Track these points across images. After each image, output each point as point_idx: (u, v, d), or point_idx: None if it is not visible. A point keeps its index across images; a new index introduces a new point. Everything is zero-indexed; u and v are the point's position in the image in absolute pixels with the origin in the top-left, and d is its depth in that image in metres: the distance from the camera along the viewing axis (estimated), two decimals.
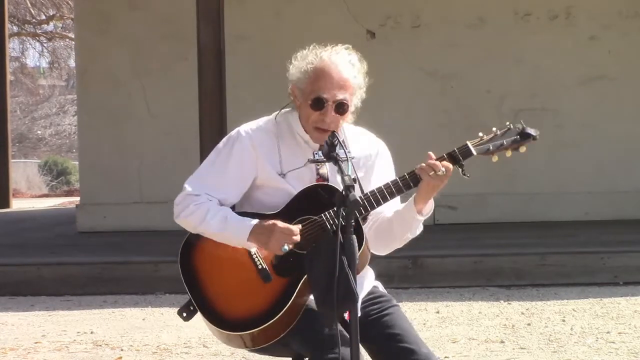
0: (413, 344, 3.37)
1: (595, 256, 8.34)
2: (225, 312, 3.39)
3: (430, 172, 3.34)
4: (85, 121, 12.29)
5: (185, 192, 3.48)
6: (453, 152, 3.40)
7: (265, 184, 3.46)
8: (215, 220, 3.38)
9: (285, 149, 3.47)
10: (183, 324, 6.60)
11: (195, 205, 3.43)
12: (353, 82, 3.41)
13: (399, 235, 3.51)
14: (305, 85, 3.41)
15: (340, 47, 3.46)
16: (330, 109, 3.38)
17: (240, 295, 3.38)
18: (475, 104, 11.78)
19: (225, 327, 3.38)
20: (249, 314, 3.35)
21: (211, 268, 3.44)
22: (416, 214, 3.43)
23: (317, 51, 3.45)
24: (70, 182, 30.12)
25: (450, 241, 9.46)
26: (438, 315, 7.02)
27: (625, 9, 11.80)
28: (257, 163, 3.45)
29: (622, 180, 11.62)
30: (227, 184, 3.47)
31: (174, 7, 11.61)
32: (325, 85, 3.38)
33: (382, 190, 3.36)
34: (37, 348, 6.30)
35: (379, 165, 3.56)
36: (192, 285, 3.43)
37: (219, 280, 3.42)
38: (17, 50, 31.13)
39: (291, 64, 3.48)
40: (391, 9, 11.82)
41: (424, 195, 3.40)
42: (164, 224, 10.94)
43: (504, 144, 3.43)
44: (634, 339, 6.12)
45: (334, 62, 3.40)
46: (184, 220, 3.46)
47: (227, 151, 3.49)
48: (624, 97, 11.73)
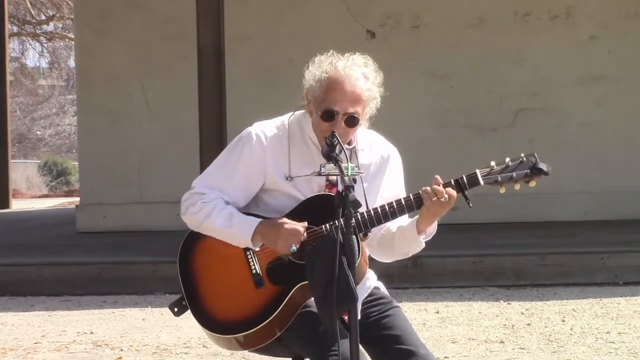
0: (412, 345, 3.37)
1: (595, 256, 8.34)
2: (214, 312, 3.39)
3: (433, 197, 3.34)
4: (85, 121, 12.29)
5: (193, 190, 3.48)
6: (460, 180, 3.38)
7: (273, 188, 3.46)
8: (220, 216, 3.38)
9: (295, 153, 3.45)
10: (183, 324, 6.58)
11: (202, 203, 3.43)
12: (366, 95, 3.39)
13: (400, 250, 3.52)
14: (318, 94, 3.39)
15: (357, 57, 3.43)
16: (340, 121, 3.37)
17: (230, 297, 3.38)
18: (475, 104, 11.78)
19: (210, 328, 3.40)
20: (235, 317, 3.35)
21: (207, 267, 3.44)
22: (417, 235, 3.44)
23: (334, 60, 3.41)
24: (70, 182, 30.13)
25: (450, 241, 9.44)
26: (438, 316, 7.02)
27: (625, 9, 11.80)
28: (266, 167, 3.44)
29: (622, 180, 11.62)
30: (234, 186, 3.46)
31: (174, 7, 11.62)
32: (337, 98, 3.36)
33: (384, 210, 3.36)
34: (37, 348, 6.29)
35: (388, 171, 3.56)
36: (187, 281, 3.43)
37: (212, 280, 3.42)
38: (17, 51, 31.13)
39: (307, 69, 3.46)
40: (391, 9, 11.82)
41: (425, 219, 3.41)
42: (164, 224, 11.04)
43: (513, 176, 3.36)
44: (633, 339, 6.12)
45: (348, 75, 3.37)
46: (190, 217, 3.45)
47: (237, 153, 3.48)
48: (624, 97, 11.73)
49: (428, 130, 11.64)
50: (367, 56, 3.46)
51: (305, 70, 3.47)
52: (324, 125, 3.38)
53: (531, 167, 3.36)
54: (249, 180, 3.46)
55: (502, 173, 3.37)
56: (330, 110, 3.36)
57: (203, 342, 6.22)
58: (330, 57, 3.44)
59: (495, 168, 3.39)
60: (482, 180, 3.37)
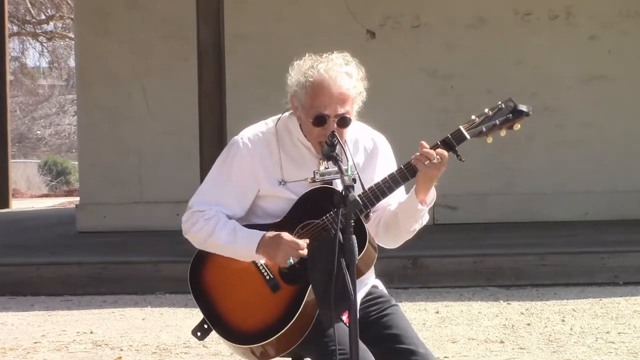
0: (411, 345, 3.37)
1: (595, 256, 8.34)
2: (239, 326, 3.38)
3: (425, 161, 3.31)
4: (85, 121, 12.29)
5: (192, 210, 3.47)
6: (447, 139, 3.35)
7: (268, 194, 3.46)
8: (224, 232, 3.39)
9: (286, 157, 3.45)
10: (183, 324, 6.58)
11: (204, 220, 3.43)
12: (353, 93, 3.39)
13: (406, 228, 3.48)
14: (304, 100, 3.39)
15: (336, 56, 3.42)
16: (332, 124, 3.36)
17: (252, 308, 3.37)
18: (475, 104, 11.66)
19: (240, 341, 3.37)
20: (262, 325, 3.34)
21: (221, 283, 3.43)
22: (418, 205, 3.40)
23: (314, 63, 3.39)
24: (70, 182, 30.10)
25: (450, 241, 9.46)
26: (438, 315, 7.02)
27: (625, 8, 11.80)
28: (258, 174, 3.44)
29: (622, 180, 11.62)
30: (231, 198, 3.46)
31: (174, 7, 11.61)
32: (325, 101, 3.35)
33: (380, 186, 3.35)
34: (37, 348, 6.30)
35: (380, 159, 3.54)
36: (204, 302, 3.42)
37: (230, 295, 3.41)
38: (17, 50, 31.14)
39: (288, 74, 3.44)
40: (391, 9, 11.82)
41: (422, 185, 3.37)
42: (164, 223, 11.04)
43: (496, 123, 3.36)
44: (633, 339, 6.12)
45: (332, 77, 3.35)
46: (194, 236, 3.45)
47: (228, 165, 3.48)
48: (624, 97, 11.73)
49: (428, 130, 11.63)
50: (345, 53, 3.45)
51: (287, 76, 3.45)
52: (317, 131, 3.38)
53: (512, 111, 3.38)
54: (243, 190, 3.46)
55: (485, 123, 3.37)
56: (321, 115, 3.35)
57: (203, 342, 6.21)
58: (309, 60, 3.42)
59: (477, 120, 3.38)
60: (468, 134, 3.35)
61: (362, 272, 3.35)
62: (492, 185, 11.28)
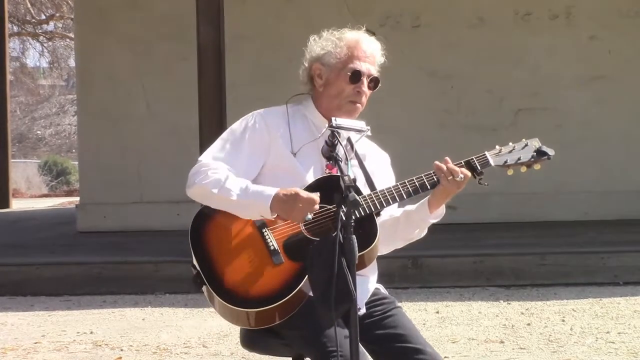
0: (419, 344, 3.36)
1: (595, 256, 8.34)
2: (234, 288, 3.32)
3: (449, 176, 3.37)
4: (85, 121, 12.30)
5: (201, 163, 3.41)
6: (471, 161, 3.43)
7: (277, 164, 3.44)
8: (234, 185, 3.32)
9: (295, 129, 3.48)
10: (183, 324, 6.57)
11: (212, 172, 3.36)
12: (380, 60, 3.54)
13: (403, 235, 3.51)
14: (337, 60, 3.46)
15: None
16: (364, 83, 3.46)
17: (250, 273, 3.32)
18: (475, 104, 11.79)
19: (232, 302, 3.30)
20: (255, 293, 3.29)
21: (222, 243, 3.37)
22: (428, 216, 3.45)
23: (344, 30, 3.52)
24: (70, 182, 30.13)
25: (450, 241, 9.45)
26: (438, 315, 7.02)
27: (625, 8, 11.81)
28: (270, 142, 3.45)
29: (622, 180, 11.62)
30: (241, 160, 3.43)
31: (174, 7, 11.62)
32: (360, 55, 3.47)
33: (398, 189, 3.36)
34: (37, 348, 6.29)
35: (384, 171, 3.58)
36: (202, 259, 3.36)
37: (230, 256, 3.35)
38: (17, 50, 31.16)
39: (309, 46, 3.51)
40: (391, 9, 11.83)
41: (439, 197, 3.43)
42: (164, 223, 11.06)
43: (520, 158, 3.47)
44: (633, 339, 6.12)
45: (367, 37, 3.52)
46: (200, 187, 3.36)
47: (241, 130, 3.48)
48: (624, 97, 11.74)
49: (428, 130, 11.64)
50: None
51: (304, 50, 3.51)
52: (349, 89, 3.45)
53: (537, 151, 3.50)
54: (253, 155, 3.44)
55: (510, 155, 3.47)
56: (358, 71, 3.45)
57: (203, 342, 6.22)
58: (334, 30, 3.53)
59: (503, 150, 3.48)
60: (493, 161, 3.44)
61: (364, 264, 3.34)
62: (492, 185, 11.26)
